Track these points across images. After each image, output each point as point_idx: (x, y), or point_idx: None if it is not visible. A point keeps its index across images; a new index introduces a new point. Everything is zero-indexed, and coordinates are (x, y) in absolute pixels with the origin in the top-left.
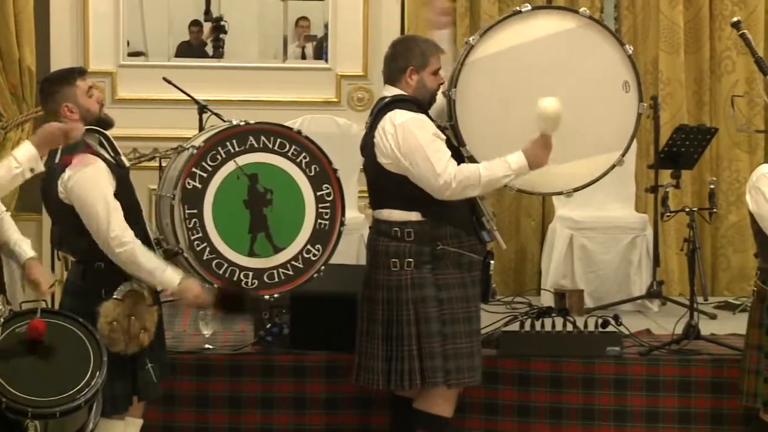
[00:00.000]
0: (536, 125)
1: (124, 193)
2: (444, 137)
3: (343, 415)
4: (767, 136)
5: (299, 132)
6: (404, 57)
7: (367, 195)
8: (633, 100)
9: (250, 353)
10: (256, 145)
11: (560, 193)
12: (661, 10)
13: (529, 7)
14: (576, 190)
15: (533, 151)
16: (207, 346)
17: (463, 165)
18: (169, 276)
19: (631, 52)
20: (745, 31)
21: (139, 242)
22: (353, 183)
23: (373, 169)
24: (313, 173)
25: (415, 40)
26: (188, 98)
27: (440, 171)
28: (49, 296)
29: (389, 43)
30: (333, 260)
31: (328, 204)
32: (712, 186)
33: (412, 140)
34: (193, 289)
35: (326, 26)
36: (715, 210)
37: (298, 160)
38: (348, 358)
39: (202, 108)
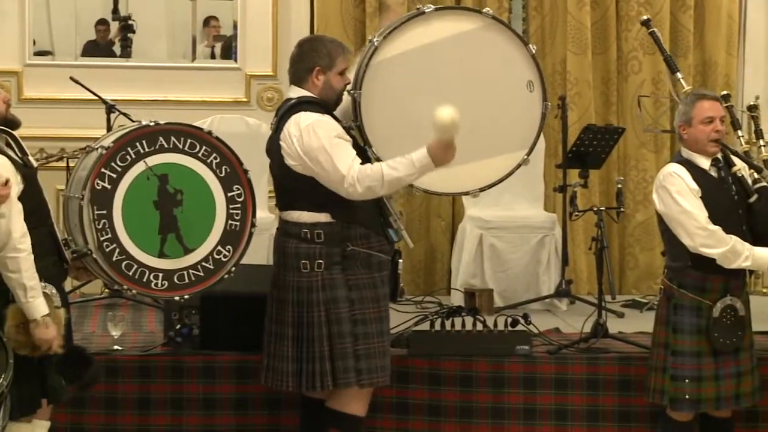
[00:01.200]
0: (436, 135)
1: (32, 193)
2: (349, 138)
3: (253, 415)
4: (673, 136)
5: (210, 132)
6: (310, 57)
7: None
8: (537, 100)
9: (159, 354)
10: (166, 146)
11: (467, 193)
12: (569, 11)
13: (432, 8)
14: (482, 189)
15: (437, 151)
16: (116, 347)
17: (366, 165)
18: (39, 304)
19: (534, 51)
20: (655, 29)
21: (32, 256)
22: (263, 183)
23: (280, 170)
24: (223, 174)
25: (321, 40)
26: (96, 98)
27: (344, 172)
28: None
29: None
30: (243, 260)
31: (238, 205)
32: (619, 185)
33: (316, 142)
34: (50, 331)
35: (235, 26)
36: (622, 209)
37: (208, 160)
38: (258, 358)
39: (110, 108)
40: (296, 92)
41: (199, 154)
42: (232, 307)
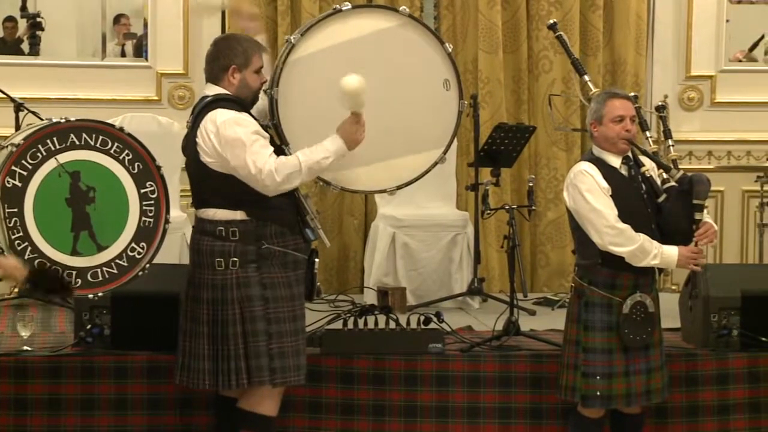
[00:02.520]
0: (344, 105)
1: None
2: (267, 136)
3: (165, 415)
4: (584, 134)
5: (121, 129)
6: (226, 55)
7: (189, 194)
8: (453, 98)
9: (69, 354)
10: (77, 143)
11: (383, 191)
12: (480, 10)
13: (350, 6)
14: (399, 187)
15: (347, 129)
16: (25, 347)
17: (281, 157)
18: None
19: (450, 50)
20: (562, 33)
21: None
22: (175, 182)
23: (196, 168)
24: (136, 171)
25: (237, 38)
26: (4, 96)
27: (261, 166)
28: None
29: (210, 41)
30: (156, 260)
31: (152, 201)
32: (530, 184)
33: (233, 138)
34: (7, 264)
35: (146, 24)
36: (533, 207)
37: (120, 157)
38: (171, 358)
39: (19, 106)
40: (212, 90)
41: (111, 151)
42: (143, 307)
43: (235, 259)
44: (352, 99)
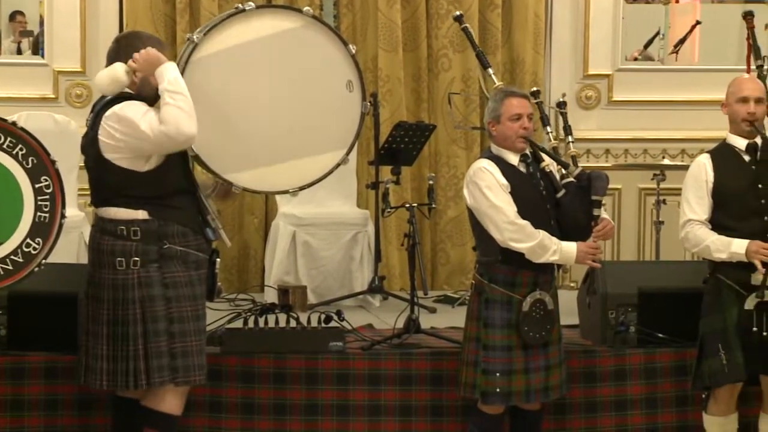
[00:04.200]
0: None
1: None
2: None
3: (62, 416)
4: (483, 132)
5: (14, 123)
6: (127, 53)
7: (87, 193)
8: (356, 99)
9: None
10: None
11: (286, 192)
12: (380, 8)
13: (253, 6)
14: (301, 188)
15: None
16: None
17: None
18: None
19: (354, 51)
20: (467, 25)
21: None
22: (72, 180)
23: (97, 166)
24: (30, 165)
25: (139, 36)
26: None
27: (154, 125)
28: None
29: (108, 38)
30: (52, 259)
31: (47, 196)
32: (431, 182)
33: (131, 116)
34: None
35: (42, 21)
36: (434, 205)
37: (14, 152)
38: (68, 358)
39: None
40: None
41: (4, 146)
42: (40, 307)
43: (136, 258)
44: None
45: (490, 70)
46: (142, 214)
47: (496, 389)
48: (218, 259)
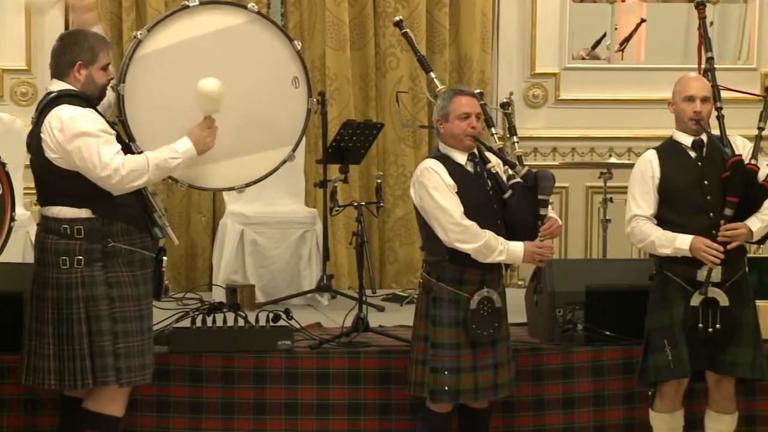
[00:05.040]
0: (199, 108)
1: None
2: (114, 133)
3: (8, 416)
4: (431, 131)
5: None
6: (72, 51)
7: (33, 192)
8: (302, 96)
9: None
10: None
11: (232, 189)
12: (327, 7)
13: (197, 2)
14: (247, 185)
15: (198, 133)
16: None
17: (129, 155)
18: None
19: (299, 48)
20: (407, 30)
21: None
22: (18, 179)
23: (41, 165)
24: None
25: (84, 34)
26: None
27: (107, 161)
28: None
29: (52, 36)
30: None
31: None
32: (379, 180)
33: (78, 135)
34: None
35: None
36: (382, 204)
37: None
38: (14, 358)
39: None
40: (58, 86)
41: None
42: None
43: (80, 257)
44: (209, 102)
45: (433, 74)
46: (85, 213)
47: (444, 387)
48: (165, 258)
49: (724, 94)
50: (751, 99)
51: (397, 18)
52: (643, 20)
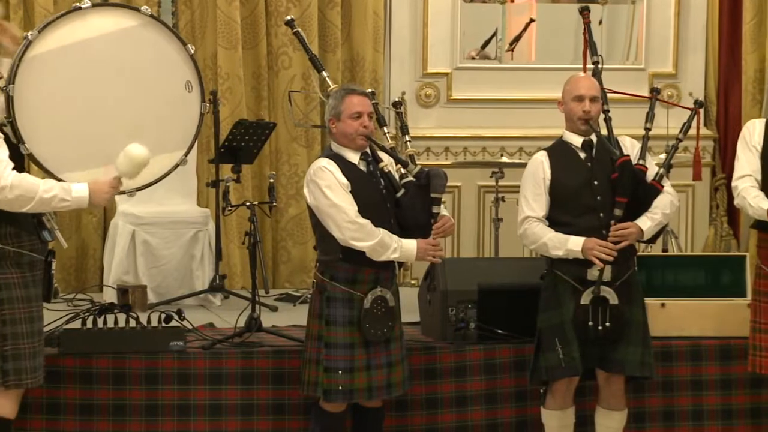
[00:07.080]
0: (116, 166)
1: None
2: (2, 135)
3: None
4: (323, 130)
5: None
6: None
7: None
8: (195, 100)
9: None
10: None
11: (123, 193)
12: (218, 6)
13: (89, 4)
14: (138, 189)
15: (101, 187)
16: None
17: (25, 175)
18: None
19: (193, 52)
20: (299, 29)
21: None
22: None
23: None
24: None
25: None
26: None
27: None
28: None
29: None
30: None
31: None
32: (271, 180)
33: None
34: None
35: None
36: (275, 204)
37: None
38: None
39: None
40: None
41: None
42: None
43: None
44: (130, 167)
45: (325, 74)
46: None
47: (338, 387)
48: (53, 260)
49: (611, 94)
50: (638, 99)
51: (289, 17)
52: (532, 20)
